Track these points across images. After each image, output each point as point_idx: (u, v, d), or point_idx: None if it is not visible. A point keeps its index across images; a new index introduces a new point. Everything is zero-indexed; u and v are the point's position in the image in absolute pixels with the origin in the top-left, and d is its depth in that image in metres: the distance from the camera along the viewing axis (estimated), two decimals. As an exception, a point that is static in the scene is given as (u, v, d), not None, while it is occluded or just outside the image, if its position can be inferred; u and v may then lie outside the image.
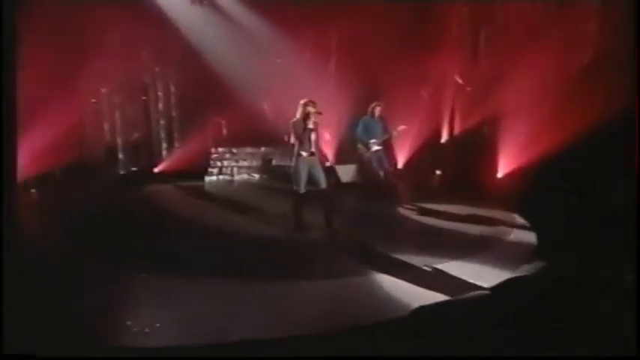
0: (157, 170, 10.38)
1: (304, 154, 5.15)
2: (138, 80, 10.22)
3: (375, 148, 7.00)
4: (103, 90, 9.81)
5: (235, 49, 9.33)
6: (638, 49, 4.53)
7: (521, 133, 7.21)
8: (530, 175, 6.68)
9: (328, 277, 4.03)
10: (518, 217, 5.91)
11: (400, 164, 9.07)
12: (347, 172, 8.44)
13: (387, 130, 7.06)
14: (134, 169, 10.34)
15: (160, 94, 10.63)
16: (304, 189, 5.22)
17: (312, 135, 5.13)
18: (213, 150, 10.32)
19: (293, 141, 5.21)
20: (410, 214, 6.50)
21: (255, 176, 10.17)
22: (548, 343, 2.16)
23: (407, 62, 8.36)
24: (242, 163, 10.26)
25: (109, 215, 6.78)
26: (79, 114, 8.81)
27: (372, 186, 7.31)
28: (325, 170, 5.54)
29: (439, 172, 9.15)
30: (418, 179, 8.72)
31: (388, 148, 7.72)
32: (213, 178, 9.98)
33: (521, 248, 4.72)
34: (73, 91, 8.31)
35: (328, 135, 5.27)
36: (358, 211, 6.92)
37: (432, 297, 3.43)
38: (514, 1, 7.75)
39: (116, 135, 10.20)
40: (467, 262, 4.29)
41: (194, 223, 6.31)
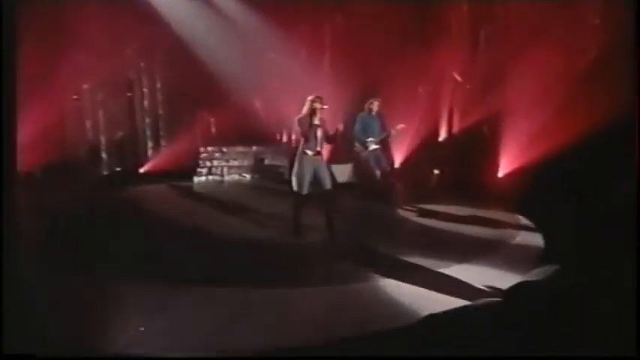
0: (142, 170, 10.19)
1: (310, 152, 5.04)
2: (122, 76, 10.05)
3: (372, 147, 6.87)
4: (84, 86, 9.66)
5: (226, 44, 9.19)
6: (638, 49, 4.61)
7: (520, 133, 7.27)
8: (530, 174, 6.71)
9: (329, 282, 3.95)
10: (519, 217, 5.96)
11: (398, 163, 9.03)
12: (343, 172, 8.35)
13: (384, 127, 6.95)
14: (118, 170, 10.17)
15: (146, 90, 10.45)
16: (307, 190, 5.07)
17: (319, 132, 5.05)
18: (202, 149, 10.15)
19: (296, 138, 5.13)
20: (410, 215, 6.48)
21: (247, 176, 10.04)
22: (548, 343, 2.16)
23: (405, 59, 8.29)
24: (232, 163, 10.10)
25: (92, 217, 6.62)
26: (59, 111, 8.66)
27: (369, 186, 7.24)
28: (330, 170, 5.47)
29: (437, 171, 9.15)
30: (416, 179, 8.73)
31: (386, 147, 7.64)
32: (203, 178, 9.80)
33: (525, 251, 4.70)
34: (53, 88, 8.09)
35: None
36: (356, 213, 6.88)
37: (440, 302, 3.35)
38: (514, 1, 7.74)
39: (99, 133, 10.00)
40: (473, 264, 4.28)
41: (182, 225, 6.16)
